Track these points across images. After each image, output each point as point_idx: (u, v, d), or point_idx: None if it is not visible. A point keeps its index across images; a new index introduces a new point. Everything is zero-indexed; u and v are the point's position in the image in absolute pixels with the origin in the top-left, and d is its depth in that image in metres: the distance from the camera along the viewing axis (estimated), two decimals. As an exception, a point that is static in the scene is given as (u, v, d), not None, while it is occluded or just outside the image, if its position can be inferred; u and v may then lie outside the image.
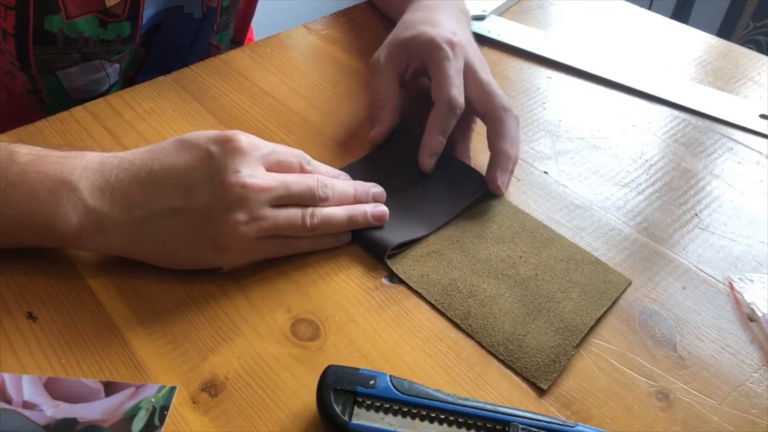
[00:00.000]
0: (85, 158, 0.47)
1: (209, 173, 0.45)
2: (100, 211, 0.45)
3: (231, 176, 0.44)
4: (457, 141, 0.59)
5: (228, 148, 0.45)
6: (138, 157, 0.47)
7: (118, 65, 0.71)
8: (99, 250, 0.48)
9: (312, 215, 0.48)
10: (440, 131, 0.55)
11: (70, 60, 0.67)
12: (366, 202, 0.51)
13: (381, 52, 0.60)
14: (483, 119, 0.57)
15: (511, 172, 0.55)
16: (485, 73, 0.57)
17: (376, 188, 0.53)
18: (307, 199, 0.48)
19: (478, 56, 0.59)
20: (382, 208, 0.51)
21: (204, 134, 0.46)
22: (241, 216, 0.44)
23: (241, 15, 0.80)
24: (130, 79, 0.75)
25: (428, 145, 0.55)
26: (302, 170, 0.49)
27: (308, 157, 0.50)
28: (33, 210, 0.44)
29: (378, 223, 0.51)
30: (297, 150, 0.50)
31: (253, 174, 0.45)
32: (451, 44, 0.56)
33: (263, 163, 0.46)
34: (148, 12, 0.68)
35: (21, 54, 0.64)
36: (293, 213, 0.47)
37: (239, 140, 0.45)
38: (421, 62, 0.58)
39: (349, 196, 0.51)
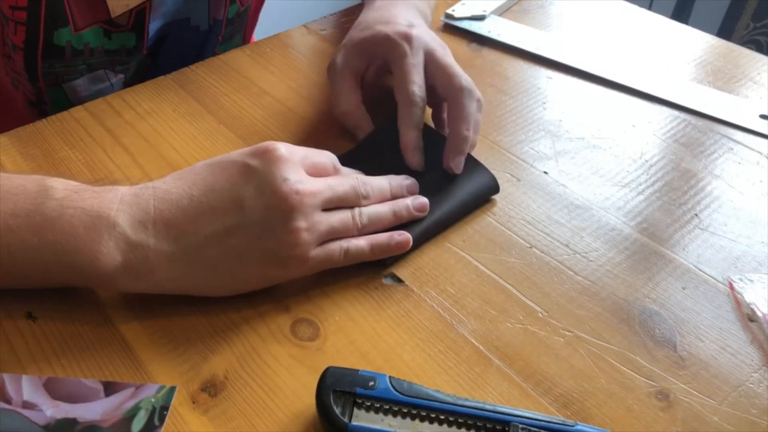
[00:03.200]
0: (119, 192, 0.45)
1: (257, 185, 0.43)
2: (145, 245, 0.43)
3: (282, 184, 0.43)
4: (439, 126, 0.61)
5: (269, 158, 0.44)
6: (172, 185, 0.45)
7: (122, 76, 0.71)
8: (145, 289, 0.45)
9: (360, 214, 0.48)
10: (412, 127, 0.55)
11: (76, 71, 0.67)
12: (402, 195, 0.51)
13: (337, 56, 0.60)
14: (446, 102, 0.58)
15: (465, 152, 0.55)
16: (446, 57, 0.58)
17: (407, 180, 0.53)
18: (351, 200, 0.48)
19: (437, 42, 0.59)
20: (422, 200, 0.51)
21: (236, 152, 0.45)
22: (301, 223, 0.44)
23: (251, 17, 0.80)
24: None
25: (406, 143, 0.55)
26: (335, 170, 0.49)
27: (335, 157, 0.50)
28: (72, 248, 0.42)
29: (421, 215, 0.51)
30: (324, 151, 0.49)
31: (300, 180, 0.44)
32: (408, 38, 0.57)
33: (303, 168, 0.46)
34: (154, 24, 0.68)
35: (29, 67, 0.65)
36: (344, 214, 0.47)
37: (277, 148, 0.44)
38: (383, 61, 0.59)
39: (386, 191, 0.51)
